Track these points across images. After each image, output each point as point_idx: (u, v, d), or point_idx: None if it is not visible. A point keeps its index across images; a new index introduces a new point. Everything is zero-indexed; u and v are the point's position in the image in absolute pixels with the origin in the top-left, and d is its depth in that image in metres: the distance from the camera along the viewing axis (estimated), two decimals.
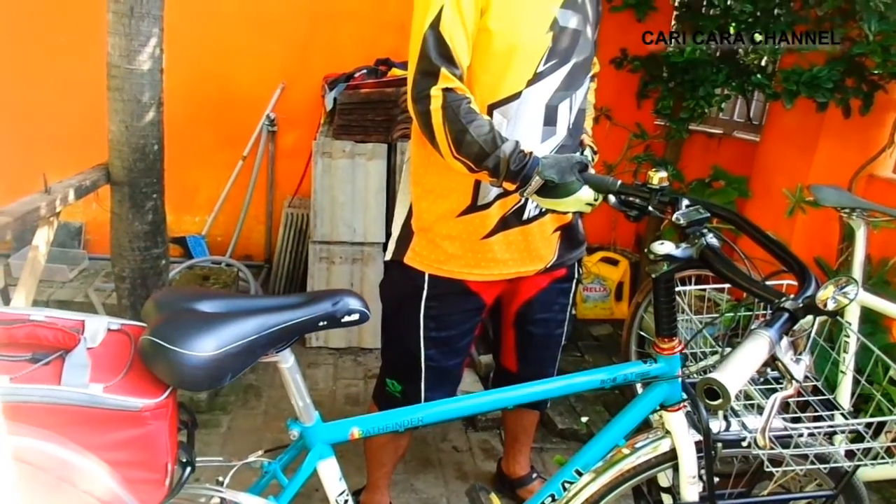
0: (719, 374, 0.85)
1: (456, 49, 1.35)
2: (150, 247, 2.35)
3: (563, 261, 1.71)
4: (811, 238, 2.91)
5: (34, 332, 1.05)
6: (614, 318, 3.48)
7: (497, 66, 1.41)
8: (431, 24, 1.34)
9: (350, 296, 1.19)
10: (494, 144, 1.33)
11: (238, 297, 1.19)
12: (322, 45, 3.53)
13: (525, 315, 1.77)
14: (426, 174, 1.56)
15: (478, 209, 1.54)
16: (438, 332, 1.64)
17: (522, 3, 1.40)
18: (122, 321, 1.14)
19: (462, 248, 1.57)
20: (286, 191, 3.68)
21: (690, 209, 1.18)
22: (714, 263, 1.11)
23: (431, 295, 1.60)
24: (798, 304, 0.97)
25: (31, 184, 2.00)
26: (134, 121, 2.20)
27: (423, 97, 1.35)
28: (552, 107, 1.49)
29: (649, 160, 3.14)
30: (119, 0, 2.08)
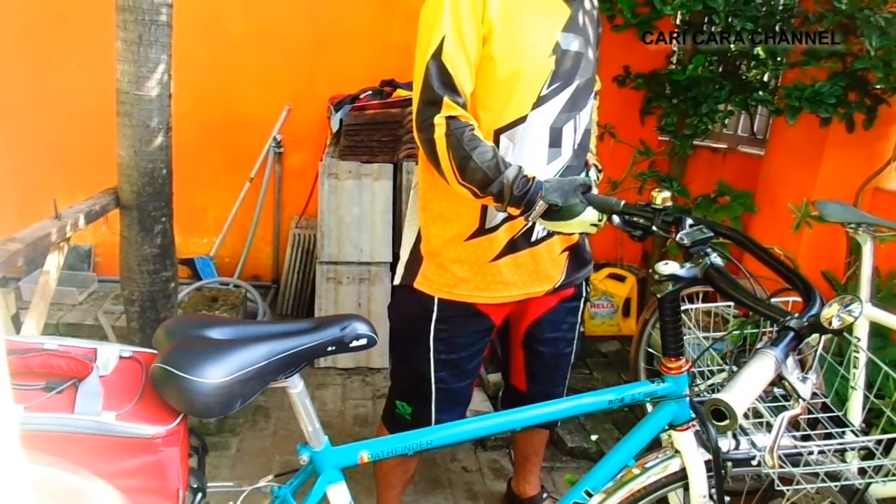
0: (726, 394, 0.86)
1: (458, 77, 1.36)
2: (159, 270, 2.37)
3: (571, 280, 1.72)
4: (818, 252, 2.90)
5: (48, 361, 1.06)
6: (622, 335, 3.47)
7: (502, 92, 1.43)
8: (433, 54, 1.36)
9: (358, 321, 1.20)
10: (498, 170, 1.34)
11: (247, 324, 1.20)
12: (327, 67, 3.57)
13: (534, 334, 1.78)
14: (434, 199, 1.58)
15: (486, 232, 1.55)
16: (448, 355, 1.65)
17: (525, 29, 1.41)
18: (134, 348, 1.16)
19: (471, 271, 1.58)
20: (293, 211, 3.70)
21: (694, 229, 1.18)
22: (718, 283, 1.11)
23: (441, 318, 1.61)
24: (803, 322, 0.97)
25: (41, 206, 2.02)
26: (143, 146, 2.23)
27: (427, 125, 1.37)
28: (556, 129, 1.51)
29: (654, 177, 3.15)
30: (128, 28, 2.12)
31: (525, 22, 1.42)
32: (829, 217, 2.00)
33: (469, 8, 1.36)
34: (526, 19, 1.42)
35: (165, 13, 2.15)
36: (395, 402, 1.75)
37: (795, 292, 1.11)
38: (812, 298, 1.02)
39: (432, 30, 1.37)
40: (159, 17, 2.13)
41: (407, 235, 1.70)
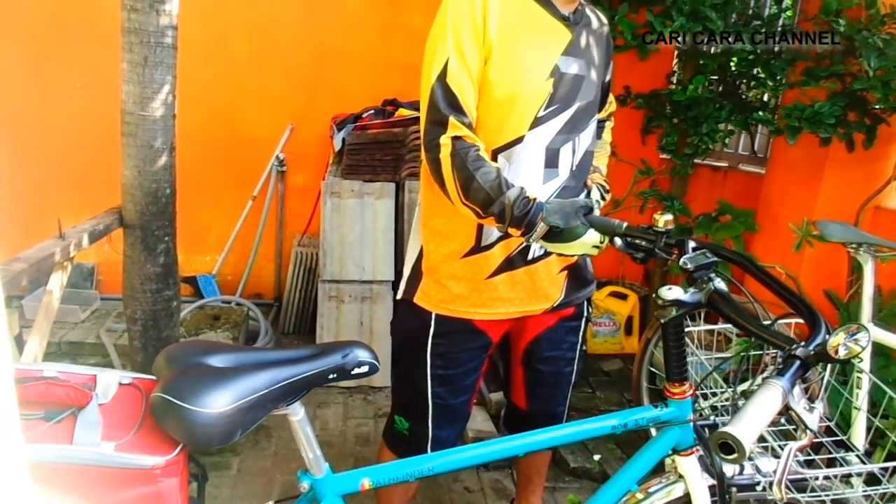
0: (733, 427, 0.85)
1: (464, 98, 1.38)
2: (161, 289, 2.37)
3: (570, 300, 1.72)
4: (820, 270, 2.90)
5: (47, 390, 1.06)
6: (624, 353, 3.46)
7: (498, 113, 1.44)
8: (438, 76, 1.38)
9: (360, 347, 1.20)
10: (500, 191, 1.35)
11: (248, 351, 1.20)
12: (330, 86, 3.60)
13: (533, 353, 1.78)
14: (433, 216, 1.59)
15: (482, 250, 1.56)
16: (445, 370, 1.65)
17: (523, 52, 1.42)
18: (134, 375, 1.15)
19: (468, 288, 1.59)
20: (295, 230, 3.71)
21: (697, 253, 1.18)
22: (723, 308, 1.11)
23: (438, 333, 1.62)
24: (809, 351, 0.97)
25: (45, 225, 2.03)
26: (147, 165, 2.24)
27: (433, 146, 1.39)
28: (553, 150, 1.51)
29: (655, 196, 3.15)
30: (133, 50, 2.14)
31: (523, 45, 1.43)
32: (829, 237, 2.01)
33: (470, 30, 1.38)
34: (525, 42, 1.43)
35: (171, 35, 2.17)
36: (395, 417, 1.76)
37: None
38: (817, 326, 1.01)
39: (437, 53, 1.39)
40: (164, 40, 2.15)
41: (410, 251, 1.71)
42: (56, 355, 3.06)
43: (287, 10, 3.51)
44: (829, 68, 2.47)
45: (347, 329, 3.06)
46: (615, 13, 2.49)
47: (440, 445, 1.67)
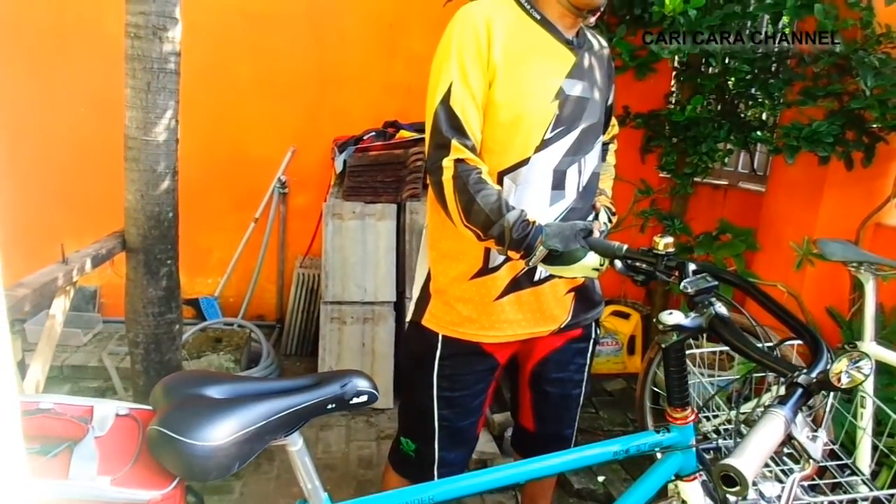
0: (736, 460, 0.84)
1: (467, 121, 1.39)
2: (164, 312, 2.37)
3: (577, 321, 1.72)
4: (822, 288, 2.90)
5: (43, 424, 1.05)
6: (627, 373, 3.45)
7: (504, 136, 1.46)
8: (442, 99, 1.39)
9: (359, 377, 1.19)
10: (499, 213, 1.36)
11: (246, 381, 1.19)
12: (331, 108, 3.63)
13: (541, 374, 1.77)
14: (441, 239, 1.60)
15: (489, 272, 1.57)
16: (452, 392, 1.65)
17: (527, 75, 1.44)
18: (130, 405, 1.14)
19: (476, 310, 1.59)
20: (297, 251, 3.72)
21: (698, 277, 1.18)
22: (724, 333, 1.11)
23: (445, 355, 1.62)
24: (811, 379, 0.96)
25: (48, 248, 2.04)
26: (149, 189, 2.25)
27: (436, 168, 1.40)
28: (560, 171, 1.53)
29: (655, 215, 3.16)
30: (137, 76, 2.16)
31: (528, 68, 1.45)
32: (830, 256, 2.01)
33: (474, 54, 1.40)
34: (529, 66, 1.45)
35: (173, 61, 2.19)
36: (401, 439, 1.75)
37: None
38: (820, 352, 1.01)
39: (441, 76, 1.41)
40: (167, 66, 2.18)
41: (419, 274, 1.72)
42: (58, 379, 3.06)
43: (289, 34, 3.55)
44: (827, 87, 2.48)
45: (349, 351, 3.06)
46: (613, 35, 2.51)
47: (447, 467, 1.67)
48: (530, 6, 1.48)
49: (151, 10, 2.10)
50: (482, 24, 1.40)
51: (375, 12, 3.59)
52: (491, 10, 1.44)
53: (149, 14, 2.10)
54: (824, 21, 2.18)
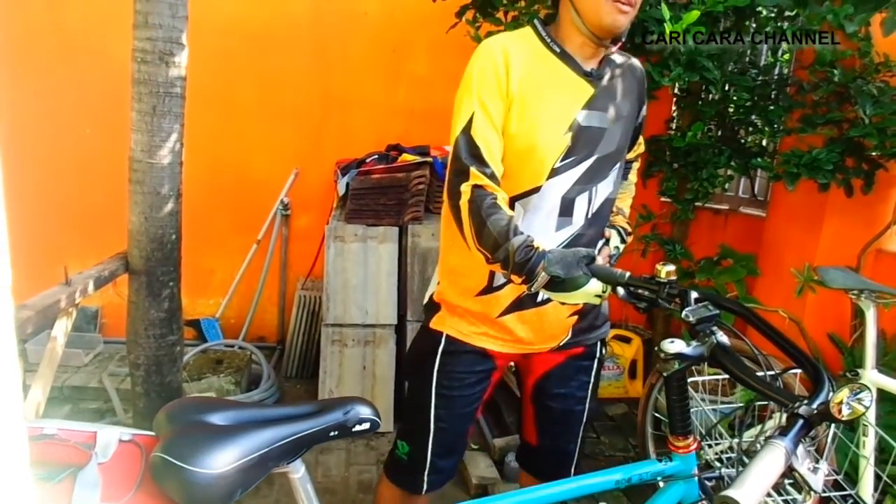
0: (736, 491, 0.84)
1: (487, 149, 1.44)
2: (165, 334, 2.37)
3: (579, 340, 1.73)
4: (824, 313, 2.90)
5: (46, 449, 1.06)
6: (629, 397, 3.44)
7: (517, 163, 1.50)
8: (463, 129, 1.45)
9: (361, 404, 1.20)
10: (506, 237, 1.38)
11: (249, 408, 1.19)
12: (334, 131, 3.66)
13: (542, 389, 1.79)
14: (449, 254, 1.66)
15: (493, 290, 1.61)
16: (450, 391, 1.68)
17: (542, 107, 1.47)
18: (134, 431, 1.15)
19: (479, 321, 1.64)
20: (299, 272, 3.73)
21: (699, 305, 1.19)
22: (725, 363, 1.11)
23: (446, 351, 1.66)
24: (812, 410, 0.96)
25: (50, 267, 2.05)
26: (153, 212, 2.26)
27: (455, 193, 1.45)
28: (569, 199, 1.55)
29: (657, 240, 3.17)
30: (143, 100, 2.18)
31: (544, 100, 1.48)
32: (830, 284, 2.01)
33: (494, 85, 1.45)
34: (545, 98, 1.48)
35: (179, 86, 2.22)
36: (397, 443, 1.79)
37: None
38: (821, 382, 1.01)
39: (463, 107, 1.46)
40: (173, 90, 2.20)
41: (432, 283, 1.78)
42: (58, 400, 3.05)
43: (293, 58, 3.59)
44: (826, 115, 2.50)
45: (350, 373, 3.06)
46: None
47: (436, 475, 1.71)
48: (550, 39, 1.51)
49: (159, 36, 2.12)
50: (500, 56, 1.45)
51: (379, 37, 3.63)
52: (510, 43, 1.49)
53: (156, 39, 2.12)
54: (823, 51, 2.20)
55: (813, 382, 1.02)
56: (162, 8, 2.11)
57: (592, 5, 1.42)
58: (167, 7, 2.12)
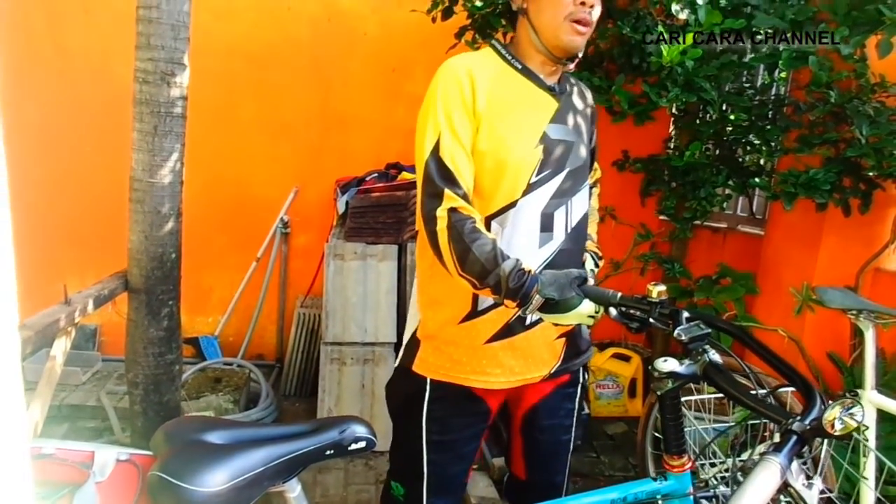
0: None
1: (458, 170, 1.42)
2: (164, 352, 2.37)
3: (567, 366, 1.71)
4: (823, 332, 2.90)
5: (44, 468, 1.06)
6: (628, 416, 3.43)
7: (490, 181, 1.48)
8: (432, 151, 1.42)
9: (357, 423, 1.20)
10: (495, 262, 1.37)
11: (245, 427, 1.20)
12: (334, 150, 3.68)
13: (531, 421, 1.76)
14: (429, 284, 1.61)
15: (478, 315, 1.57)
16: (441, 436, 1.63)
17: (510, 122, 1.47)
18: (131, 451, 1.15)
19: (466, 353, 1.58)
20: (298, 290, 3.74)
21: (691, 324, 1.19)
22: (718, 381, 1.11)
23: (434, 398, 1.61)
24: (805, 426, 0.97)
25: (49, 285, 2.06)
26: (153, 231, 2.27)
27: (430, 218, 1.42)
28: (548, 214, 1.54)
29: (655, 258, 3.18)
30: (144, 120, 2.20)
31: (510, 116, 1.48)
32: (829, 304, 2.01)
33: (460, 104, 1.44)
34: (512, 114, 1.48)
35: (180, 105, 2.24)
36: (391, 483, 1.74)
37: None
38: (812, 399, 1.01)
39: (429, 128, 1.44)
40: (174, 110, 2.22)
41: (410, 321, 1.72)
42: (56, 419, 3.04)
43: (293, 77, 3.62)
44: (823, 135, 2.52)
45: (349, 392, 3.05)
46: (612, 83, 2.56)
47: None
48: (511, 56, 1.53)
49: (161, 57, 2.15)
50: (465, 75, 1.44)
51: (379, 57, 3.67)
52: (473, 62, 1.49)
53: (158, 60, 2.15)
54: (819, 73, 2.22)
55: (805, 399, 1.03)
56: (164, 30, 2.13)
57: (550, 26, 1.45)
58: (169, 29, 2.14)
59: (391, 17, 3.59)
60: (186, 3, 2.17)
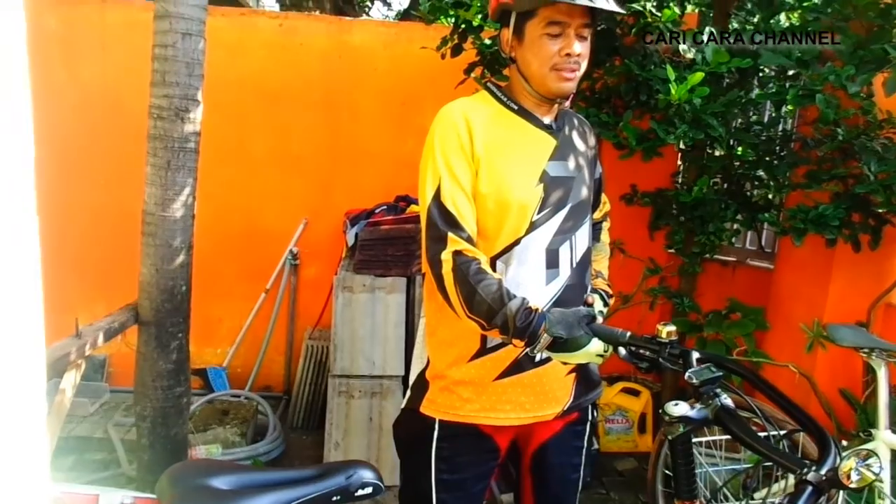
0: None
1: (460, 214, 1.43)
2: (172, 385, 2.38)
3: (578, 403, 1.70)
4: (835, 368, 2.87)
5: None
6: (638, 452, 3.38)
7: (493, 223, 1.49)
8: (433, 197, 1.44)
9: (364, 468, 1.20)
10: (501, 302, 1.36)
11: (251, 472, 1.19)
12: (344, 182, 3.71)
13: (540, 460, 1.74)
14: (438, 327, 1.60)
15: (488, 352, 1.56)
16: (451, 475, 1.61)
17: (509, 163, 1.48)
18: (136, 494, 1.15)
19: (476, 391, 1.57)
20: (307, 322, 3.74)
21: (702, 367, 1.18)
22: (730, 426, 1.10)
23: (442, 436, 1.59)
24: (821, 476, 0.95)
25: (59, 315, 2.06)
26: (164, 264, 2.29)
27: (436, 262, 1.43)
28: (553, 250, 1.55)
29: (664, 293, 3.16)
30: (158, 155, 2.24)
31: (509, 157, 1.49)
32: (840, 342, 2.00)
33: (458, 148, 1.45)
34: (510, 155, 1.49)
35: (194, 140, 2.27)
36: None
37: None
38: (827, 447, 1.00)
39: (429, 175, 1.46)
40: (188, 145, 2.26)
41: (415, 362, 1.71)
42: (63, 451, 3.03)
43: (304, 112, 3.67)
44: (831, 171, 2.52)
45: (357, 425, 3.03)
46: (620, 119, 2.58)
47: None
48: (507, 98, 1.54)
49: (175, 93, 2.19)
50: (461, 120, 1.46)
51: (388, 91, 3.71)
52: (469, 107, 1.50)
53: (172, 97, 2.19)
54: (826, 111, 2.23)
55: (819, 447, 1.02)
56: (179, 67, 2.18)
57: (537, 75, 1.46)
58: (184, 66, 2.18)
59: (401, 53, 3.64)
60: (201, 41, 2.22)
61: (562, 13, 1.41)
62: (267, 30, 3.63)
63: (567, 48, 1.42)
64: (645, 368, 1.29)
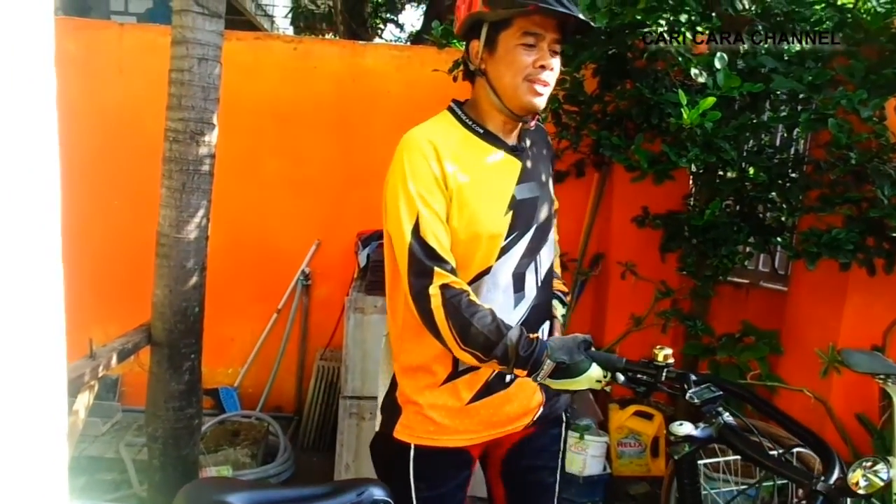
0: None
1: (441, 246, 1.40)
2: (184, 406, 2.38)
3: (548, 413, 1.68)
4: (851, 393, 2.83)
5: None
6: (651, 475, 3.35)
7: (465, 251, 1.47)
8: (413, 232, 1.39)
9: (375, 485, 1.20)
10: (500, 333, 1.35)
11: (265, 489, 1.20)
12: (356, 204, 3.73)
13: (514, 463, 1.70)
14: (402, 352, 1.58)
15: (459, 375, 1.54)
16: (430, 492, 1.59)
17: (481, 193, 1.46)
18: None
19: (449, 415, 1.55)
20: (318, 343, 3.74)
21: (702, 387, 1.19)
22: (735, 442, 1.10)
23: (419, 457, 1.58)
24: (830, 486, 0.95)
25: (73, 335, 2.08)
26: (178, 285, 2.31)
27: (423, 296, 1.39)
28: (519, 274, 1.54)
29: (676, 316, 3.15)
30: (173, 177, 2.27)
31: (480, 187, 1.47)
32: (855, 367, 1.98)
33: (432, 181, 1.41)
34: (481, 183, 1.47)
35: (208, 163, 2.30)
36: None
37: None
38: (830, 459, 1.00)
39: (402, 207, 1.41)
40: (202, 167, 2.29)
41: (381, 382, 1.70)
42: (74, 471, 3.04)
43: (317, 134, 3.71)
44: (844, 195, 2.51)
45: (367, 447, 3.01)
46: (631, 142, 2.59)
47: None
48: (472, 121, 1.52)
49: (191, 117, 2.22)
50: (430, 149, 1.42)
51: (401, 113, 3.73)
52: (434, 135, 1.46)
53: (188, 120, 2.22)
54: (838, 135, 2.23)
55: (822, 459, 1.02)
56: (195, 91, 2.21)
57: (510, 87, 1.44)
58: (200, 90, 2.22)
59: (414, 76, 3.68)
60: (217, 66, 2.25)
61: (537, 24, 1.40)
62: (281, 53, 3.69)
63: (542, 60, 1.42)
64: (643, 393, 1.29)
